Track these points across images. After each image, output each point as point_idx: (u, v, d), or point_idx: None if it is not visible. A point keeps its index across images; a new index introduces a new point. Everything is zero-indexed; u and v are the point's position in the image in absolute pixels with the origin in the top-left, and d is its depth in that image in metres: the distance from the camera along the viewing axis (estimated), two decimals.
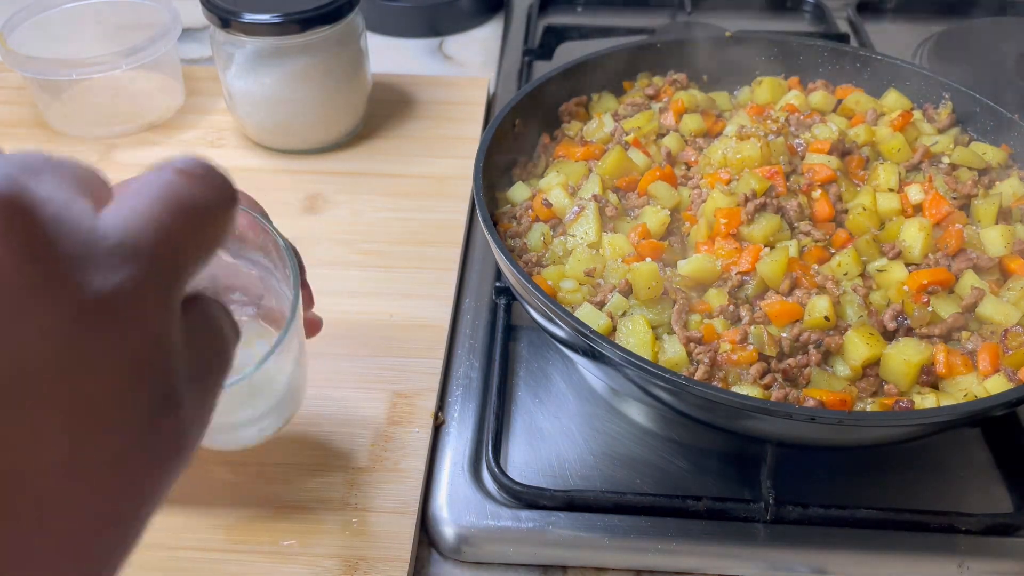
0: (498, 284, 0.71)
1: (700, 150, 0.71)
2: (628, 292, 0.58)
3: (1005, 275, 0.61)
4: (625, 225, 0.65)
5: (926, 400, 0.53)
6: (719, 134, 0.73)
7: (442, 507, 0.57)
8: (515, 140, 0.73)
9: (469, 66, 1.11)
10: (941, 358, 0.55)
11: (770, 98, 0.78)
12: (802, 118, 0.74)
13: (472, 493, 0.57)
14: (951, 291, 0.60)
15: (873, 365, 0.55)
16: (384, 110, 0.96)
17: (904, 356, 0.54)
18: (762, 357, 0.55)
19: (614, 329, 0.56)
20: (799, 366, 0.55)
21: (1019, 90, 0.93)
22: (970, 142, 0.74)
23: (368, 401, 0.63)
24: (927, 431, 0.52)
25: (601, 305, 0.58)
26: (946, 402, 0.53)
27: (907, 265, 0.61)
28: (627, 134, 0.73)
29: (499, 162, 0.70)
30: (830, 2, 1.17)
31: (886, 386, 0.55)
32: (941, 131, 0.75)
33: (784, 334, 0.56)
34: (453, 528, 0.56)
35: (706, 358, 0.54)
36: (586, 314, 0.57)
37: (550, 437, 0.62)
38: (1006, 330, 0.56)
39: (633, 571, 0.56)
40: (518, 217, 0.67)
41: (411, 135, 0.93)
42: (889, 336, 0.57)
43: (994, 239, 0.62)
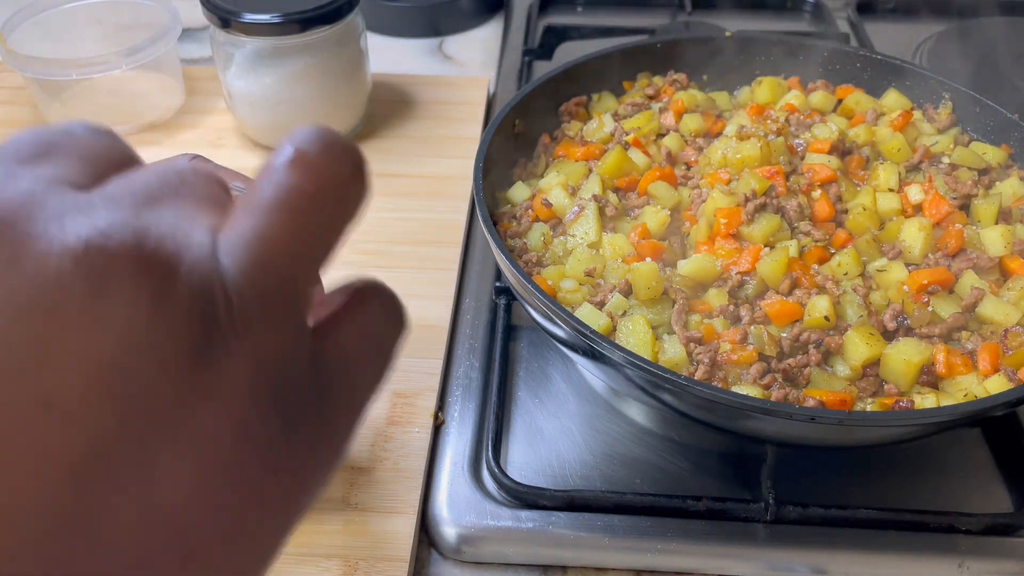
0: (498, 284, 0.71)
1: (700, 150, 0.71)
2: (628, 292, 0.58)
3: (1005, 275, 0.61)
4: (625, 225, 0.65)
5: (926, 400, 0.53)
6: (719, 134, 0.73)
7: (442, 507, 0.57)
8: (515, 140, 0.73)
9: (469, 66, 1.11)
10: (941, 358, 0.55)
11: (770, 98, 0.78)
12: (802, 118, 0.74)
13: (472, 493, 0.57)
14: (951, 291, 0.60)
15: (873, 365, 0.55)
16: (384, 110, 0.96)
17: (904, 356, 0.54)
18: (762, 357, 0.55)
19: (614, 329, 0.56)
20: (799, 366, 0.55)
21: (1019, 90, 0.94)
22: (970, 142, 0.74)
23: None
24: (927, 431, 0.52)
25: (601, 305, 0.58)
26: (946, 402, 0.53)
27: (907, 265, 0.62)
28: (627, 134, 0.73)
29: (499, 162, 0.70)
30: (830, 2, 1.17)
31: (886, 386, 0.55)
32: (941, 131, 0.75)
33: (784, 334, 0.56)
34: (453, 528, 0.56)
35: (706, 358, 0.54)
36: (586, 314, 0.57)
37: (550, 437, 0.62)
38: (1006, 330, 0.56)
39: (633, 571, 0.56)
40: (518, 217, 0.67)
41: (411, 135, 0.93)
42: (889, 336, 0.57)
43: (994, 239, 0.62)
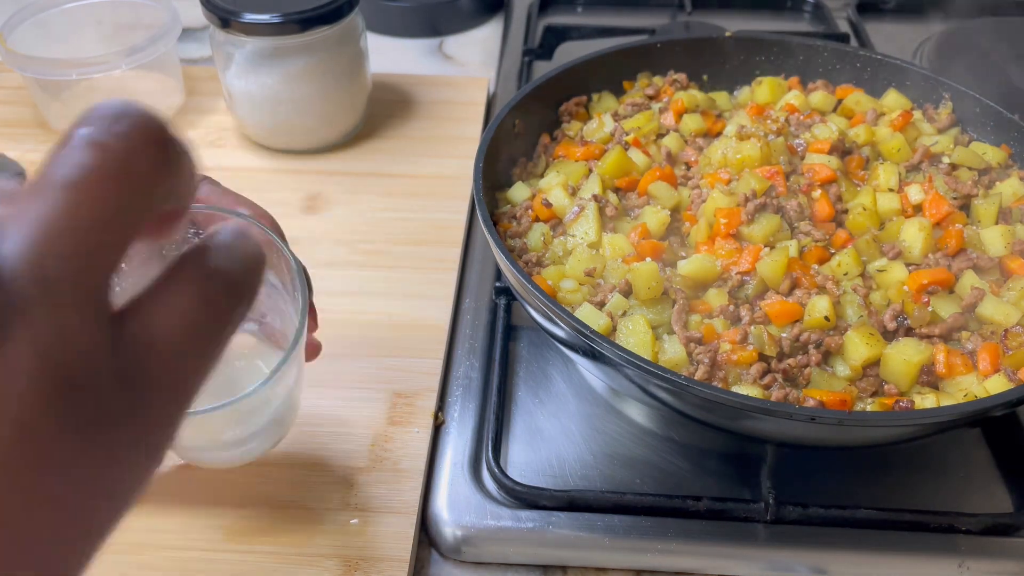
0: (498, 284, 0.71)
1: (700, 150, 0.71)
2: (628, 292, 0.58)
3: (1005, 275, 0.61)
4: (625, 225, 0.65)
5: (926, 400, 0.53)
6: (719, 134, 0.73)
7: (442, 507, 0.57)
8: (515, 140, 0.73)
9: (469, 66, 1.11)
10: (941, 358, 0.55)
11: (770, 98, 0.78)
12: (802, 118, 0.74)
13: (472, 493, 0.57)
14: (951, 291, 0.60)
15: (873, 365, 0.55)
16: (384, 110, 0.96)
17: (904, 356, 0.54)
18: (762, 357, 0.55)
19: (614, 329, 0.56)
20: (799, 366, 0.55)
21: (1019, 90, 0.93)
22: (970, 142, 0.74)
23: (368, 401, 0.63)
24: (927, 431, 0.52)
25: (601, 305, 0.58)
26: (946, 402, 0.53)
27: (907, 265, 0.61)
28: (627, 134, 0.73)
29: (499, 162, 0.70)
30: (830, 2, 1.18)
31: (886, 386, 0.55)
32: (941, 131, 0.75)
33: (784, 334, 0.56)
34: (453, 528, 0.56)
35: (706, 358, 0.54)
36: (586, 314, 0.57)
37: (550, 437, 0.62)
38: (1006, 330, 0.56)
39: (633, 571, 0.56)
40: (518, 217, 0.67)
41: (411, 135, 0.93)
42: (889, 336, 0.57)
43: (994, 239, 0.62)
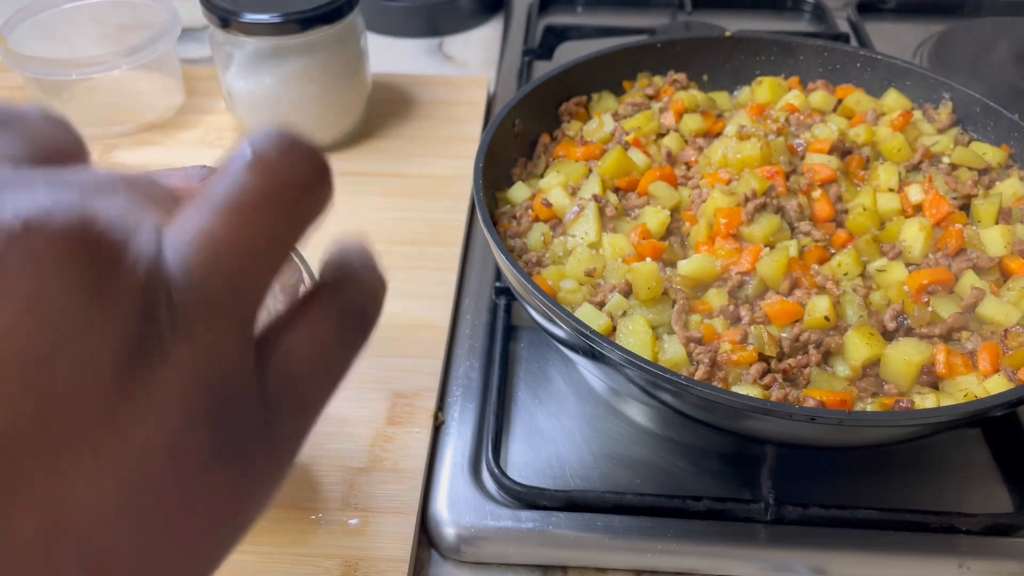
0: (498, 284, 0.71)
1: (700, 150, 0.71)
2: (628, 292, 0.58)
3: (1005, 275, 0.61)
4: (625, 225, 0.65)
5: (926, 400, 0.53)
6: (719, 134, 0.73)
7: (442, 507, 0.57)
8: (515, 140, 0.73)
9: (469, 66, 1.11)
10: (941, 358, 0.55)
11: (770, 98, 0.78)
12: (802, 118, 0.74)
13: (472, 493, 0.57)
14: (951, 291, 0.60)
15: (873, 365, 0.55)
16: (384, 110, 0.96)
17: (904, 356, 0.54)
18: (762, 357, 0.54)
19: (614, 329, 0.56)
20: (799, 366, 0.55)
21: (1019, 90, 0.93)
22: (970, 142, 0.74)
23: (368, 401, 0.63)
24: (927, 431, 0.52)
25: (601, 305, 0.58)
26: (946, 402, 0.53)
27: (907, 265, 0.62)
28: (627, 134, 0.73)
29: (499, 162, 0.70)
30: (830, 2, 1.17)
31: (886, 386, 0.55)
32: (941, 131, 0.75)
33: (784, 334, 0.56)
34: (453, 528, 0.56)
35: (706, 358, 0.54)
36: (586, 314, 0.57)
37: (550, 437, 0.62)
38: (1006, 330, 0.56)
39: (633, 571, 0.56)
40: (518, 217, 0.67)
41: (411, 135, 0.93)
42: (889, 336, 0.57)
43: (994, 239, 0.62)
